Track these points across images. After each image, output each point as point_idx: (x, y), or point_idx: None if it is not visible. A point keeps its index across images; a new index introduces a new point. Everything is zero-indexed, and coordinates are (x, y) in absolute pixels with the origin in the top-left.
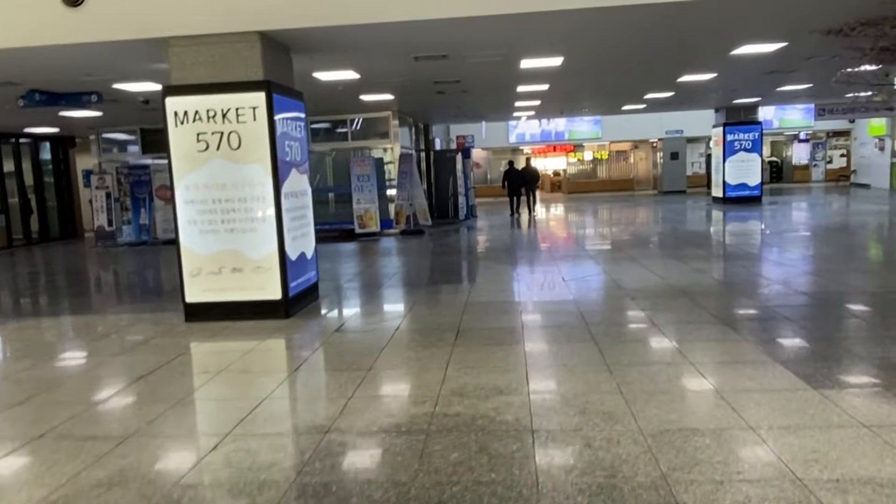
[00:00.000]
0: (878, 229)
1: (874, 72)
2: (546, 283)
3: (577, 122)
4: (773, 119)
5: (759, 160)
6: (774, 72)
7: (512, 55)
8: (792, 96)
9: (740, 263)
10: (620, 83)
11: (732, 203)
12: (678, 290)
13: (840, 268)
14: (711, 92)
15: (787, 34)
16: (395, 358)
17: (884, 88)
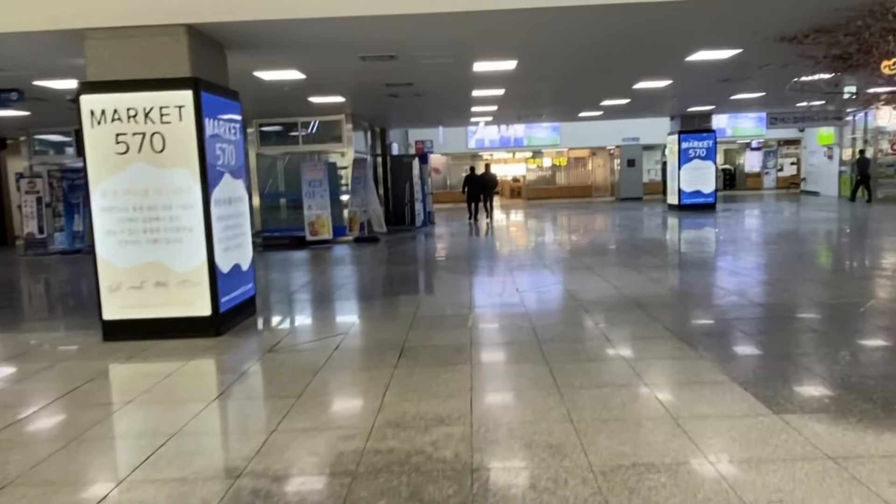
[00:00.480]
0: (828, 237)
1: (826, 80)
2: (500, 295)
3: (535, 128)
4: (727, 128)
5: (713, 168)
6: (729, 79)
7: (464, 57)
8: (745, 105)
9: (696, 273)
10: (577, 89)
11: (687, 210)
12: (633, 302)
13: (794, 277)
14: (667, 99)
15: (741, 41)
16: (330, 382)
17: (835, 97)
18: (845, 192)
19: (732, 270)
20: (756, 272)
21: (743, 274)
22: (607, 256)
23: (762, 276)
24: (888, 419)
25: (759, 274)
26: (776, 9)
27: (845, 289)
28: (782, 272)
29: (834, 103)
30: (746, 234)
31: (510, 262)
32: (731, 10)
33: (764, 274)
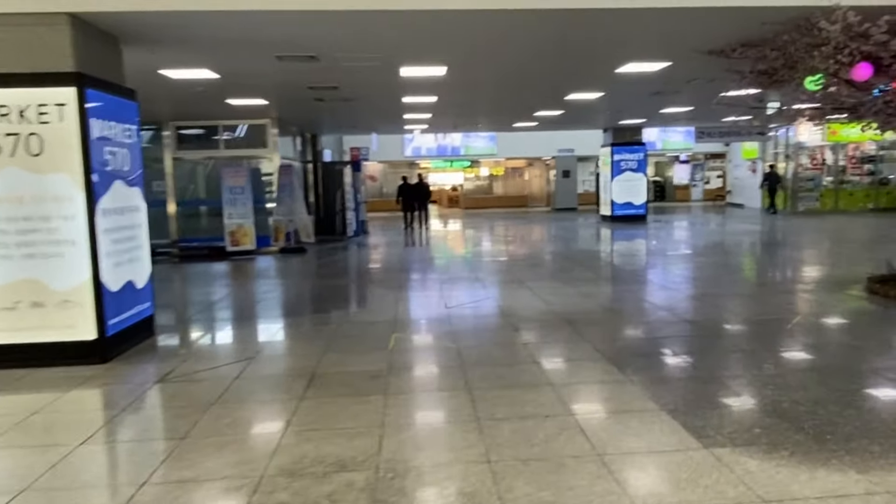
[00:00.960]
0: (753, 248)
1: (752, 96)
2: (427, 312)
3: (472, 137)
4: (657, 141)
5: (644, 180)
6: (659, 93)
7: (390, 61)
8: (675, 119)
9: (626, 287)
10: (511, 99)
11: (619, 221)
12: (563, 319)
13: (721, 291)
14: (599, 112)
15: (670, 54)
16: (223, 418)
17: (760, 113)
18: (767, 203)
19: (662, 284)
20: (685, 286)
21: (672, 288)
22: (540, 269)
23: (691, 289)
24: (820, 452)
25: (688, 288)
26: (705, 22)
27: (771, 303)
28: (710, 286)
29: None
30: (675, 246)
31: (442, 274)
32: (660, 21)
33: (692, 287)
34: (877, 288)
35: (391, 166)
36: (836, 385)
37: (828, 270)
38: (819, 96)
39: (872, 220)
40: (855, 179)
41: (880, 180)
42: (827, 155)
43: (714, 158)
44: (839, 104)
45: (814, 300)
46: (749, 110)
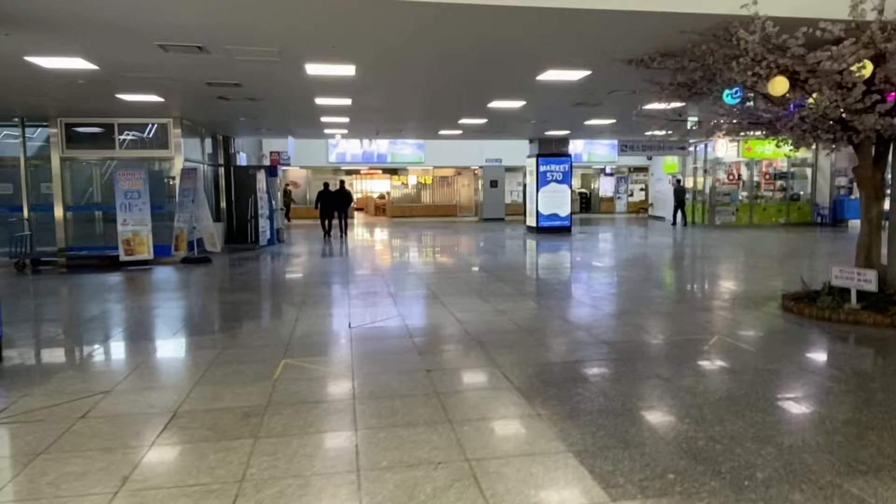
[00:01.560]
0: (672, 263)
1: (672, 109)
2: (327, 333)
3: (399, 144)
4: (583, 153)
5: (568, 191)
6: (581, 104)
7: (291, 57)
8: (598, 131)
9: (544, 303)
10: (431, 105)
11: (545, 233)
12: (475, 341)
13: (640, 308)
14: (524, 122)
15: (590, 62)
16: (46, 475)
17: (679, 126)
18: (688, 217)
19: (581, 300)
20: (604, 303)
21: (591, 305)
22: (458, 282)
23: (610, 307)
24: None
25: (607, 305)
26: (622, 28)
27: (689, 322)
28: (629, 302)
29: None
30: (597, 259)
31: (353, 288)
32: (575, 23)
33: (612, 304)
34: (791, 306)
35: (315, 172)
36: (754, 417)
37: (744, 286)
38: (737, 110)
39: (784, 234)
40: (768, 195)
41: (791, 196)
42: (743, 170)
43: (637, 172)
44: (756, 119)
45: (731, 318)
46: (669, 124)
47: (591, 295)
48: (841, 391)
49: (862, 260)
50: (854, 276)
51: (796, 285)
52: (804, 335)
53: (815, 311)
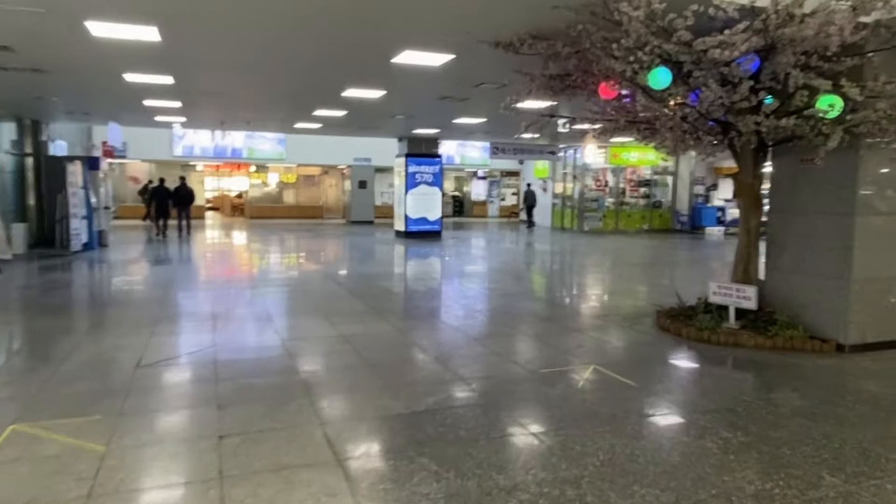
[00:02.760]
0: (542, 273)
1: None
2: (100, 376)
3: (258, 138)
4: (456, 155)
5: (439, 194)
6: (448, 98)
7: (62, 8)
8: (469, 131)
9: (400, 325)
10: (276, 91)
11: (414, 238)
12: (301, 383)
13: (506, 331)
14: (389, 117)
15: (452, 43)
16: None
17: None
18: (557, 223)
19: (443, 320)
20: (469, 322)
21: (453, 326)
22: (304, 298)
23: (475, 327)
24: None
25: (472, 325)
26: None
27: (559, 347)
28: (497, 321)
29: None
30: (466, 268)
31: (168, 306)
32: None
33: (477, 324)
34: (667, 324)
35: (160, 166)
36: (647, 496)
37: (617, 300)
38: (612, 108)
39: (649, 241)
40: (632, 202)
41: (654, 203)
42: (609, 177)
43: (509, 176)
44: (634, 117)
45: (605, 341)
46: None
47: (454, 313)
48: (741, 444)
49: (740, 274)
50: (733, 293)
51: (668, 298)
52: (685, 362)
53: (693, 332)
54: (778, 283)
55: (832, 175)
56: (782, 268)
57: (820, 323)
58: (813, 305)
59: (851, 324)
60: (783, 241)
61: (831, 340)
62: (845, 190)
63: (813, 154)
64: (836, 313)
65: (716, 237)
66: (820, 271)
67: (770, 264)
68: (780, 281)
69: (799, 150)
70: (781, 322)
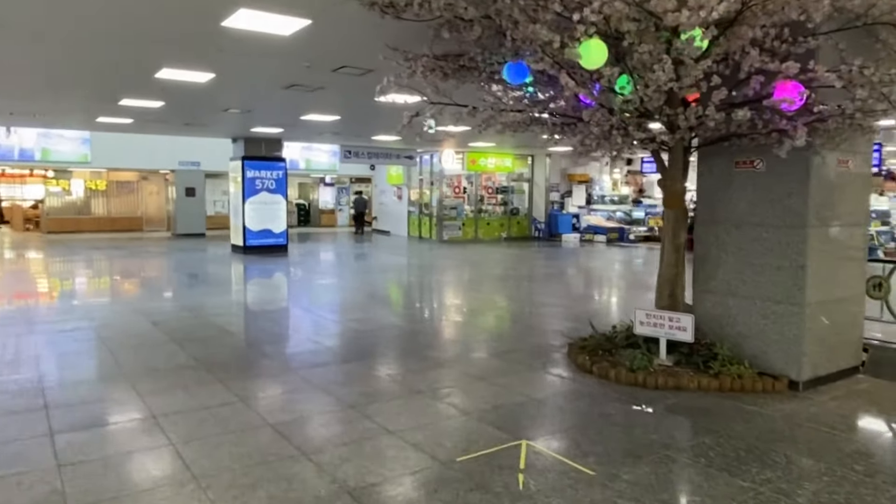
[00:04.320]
0: (415, 294)
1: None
2: None
3: (53, 138)
4: (300, 160)
5: (283, 203)
6: (297, 86)
7: None
8: (318, 132)
9: (237, 391)
10: (61, 69)
11: (255, 253)
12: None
13: (396, 387)
14: (220, 110)
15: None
16: None
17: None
18: (414, 232)
19: (301, 376)
20: (337, 378)
21: (319, 387)
22: (101, 347)
23: (347, 387)
24: None
25: (343, 382)
26: None
27: (469, 408)
28: (374, 375)
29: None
30: (322, 292)
31: None
32: None
33: (349, 381)
34: (586, 363)
35: None
36: None
37: (512, 327)
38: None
39: (512, 250)
40: (490, 209)
41: (511, 210)
42: (464, 182)
43: (360, 182)
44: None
45: (518, 393)
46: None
47: (314, 360)
48: None
49: (665, 299)
50: (664, 323)
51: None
52: (631, 419)
53: (623, 374)
54: (711, 309)
55: (777, 181)
56: (716, 290)
57: (767, 356)
58: (757, 335)
59: (805, 356)
60: (716, 259)
61: (782, 377)
62: (794, 198)
63: (752, 156)
64: (786, 344)
65: (573, 244)
66: (765, 294)
67: (699, 286)
68: (713, 306)
69: (735, 151)
70: (723, 356)
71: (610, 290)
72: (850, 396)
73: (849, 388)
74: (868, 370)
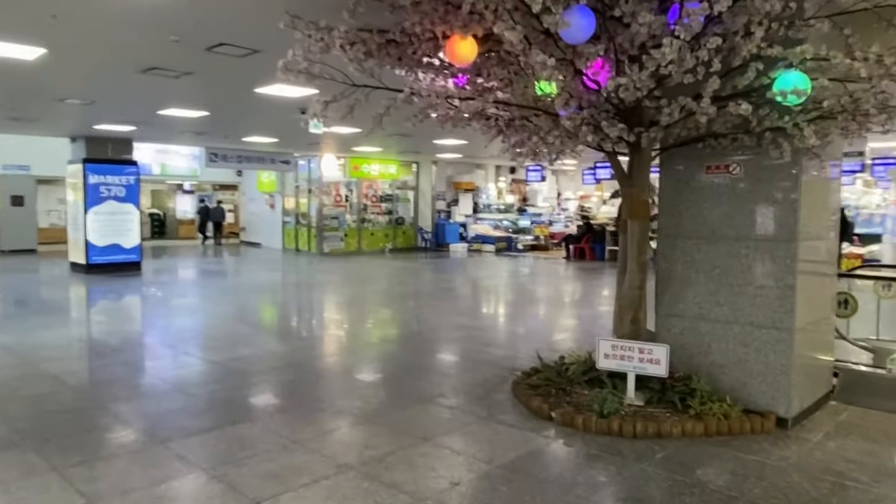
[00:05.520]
0: (308, 319)
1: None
2: None
3: None
4: (153, 164)
5: (136, 213)
6: (157, 69)
7: None
8: (179, 130)
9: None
10: None
11: (101, 272)
12: None
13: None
14: (56, 100)
15: None
16: None
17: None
18: (290, 244)
19: (144, 440)
20: (218, 450)
21: (162, 456)
22: None
23: (242, 472)
24: None
25: (234, 461)
26: None
27: (416, 491)
28: (231, 429)
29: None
30: (185, 318)
31: None
32: None
33: (205, 440)
34: (540, 407)
35: None
36: None
37: (433, 360)
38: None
39: (401, 262)
40: (373, 218)
41: (396, 220)
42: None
43: (225, 189)
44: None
45: (473, 460)
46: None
47: (183, 424)
48: None
49: (627, 325)
50: (634, 355)
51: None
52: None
53: (593, 421)
54: (679, 336)
55: (757, 188)
56: (684, 314)
57: (748, 389)
58: (735, 365)
59: (793, 389)
60: (684, 279)
61: (769, 414)
62: (780, 207)
63: (726, 159)
64: (772, 376)
65: (461, 255)
66: (746, 318)
67: (664, 310)
68: (682, 332)
69: (707, 154)
70: (702, 392)
71: (522, 307)
72: (842, 433)
73: (835, 422)
74: (838, 396)
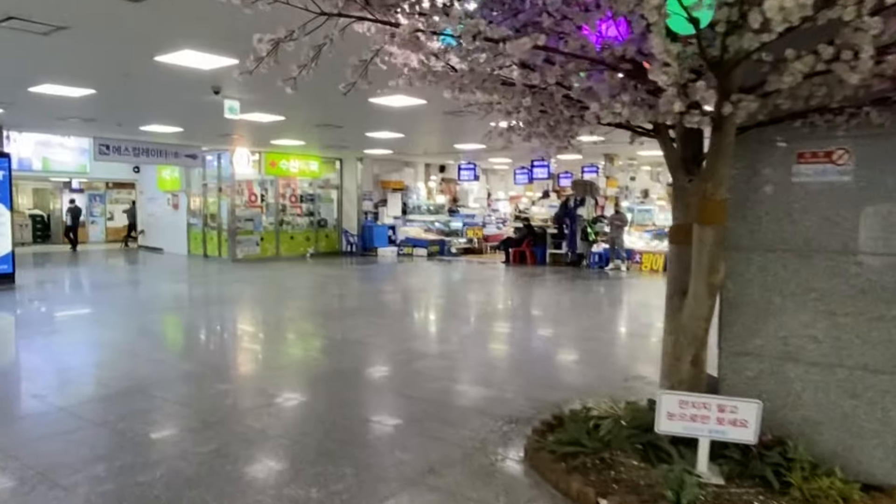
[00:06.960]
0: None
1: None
2: None
3: None
4: (34, 158)
5: (7, 215)
6: (17, 19)
7: None
8: (59, 115)
9: None
10: None
11: None
12: None
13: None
14: None
15: None
16: None
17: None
18: (197, 249)
19: None
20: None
21: None
22: None
23: None
24: None
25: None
26: None
27: None
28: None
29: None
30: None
31: None
32: None
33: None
34: (582, 491)
35: None
36: None
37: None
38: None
39: (327, 269)
40: (293, 220)
41: (319, 222)
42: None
43: (120, 188)
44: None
45: None
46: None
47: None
48: None
49: (686, 368)
50: (711, 415)
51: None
52: None
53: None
54: (754, 382)
55: (876, 184)
56: (762, 353)
57: (856, 455)
58: (838, 422)
59: None
60: (762, 306)
61: (890, 489)
62: None
63: (828, 144)
64: (894, 437)
65: (391, 259)
66: (855, 360)
67: (731, 346)
68: (759, 377)
69: (800, 136)
70: (802, 461)
71: (486, 325)
72: None
73: None
74: None
